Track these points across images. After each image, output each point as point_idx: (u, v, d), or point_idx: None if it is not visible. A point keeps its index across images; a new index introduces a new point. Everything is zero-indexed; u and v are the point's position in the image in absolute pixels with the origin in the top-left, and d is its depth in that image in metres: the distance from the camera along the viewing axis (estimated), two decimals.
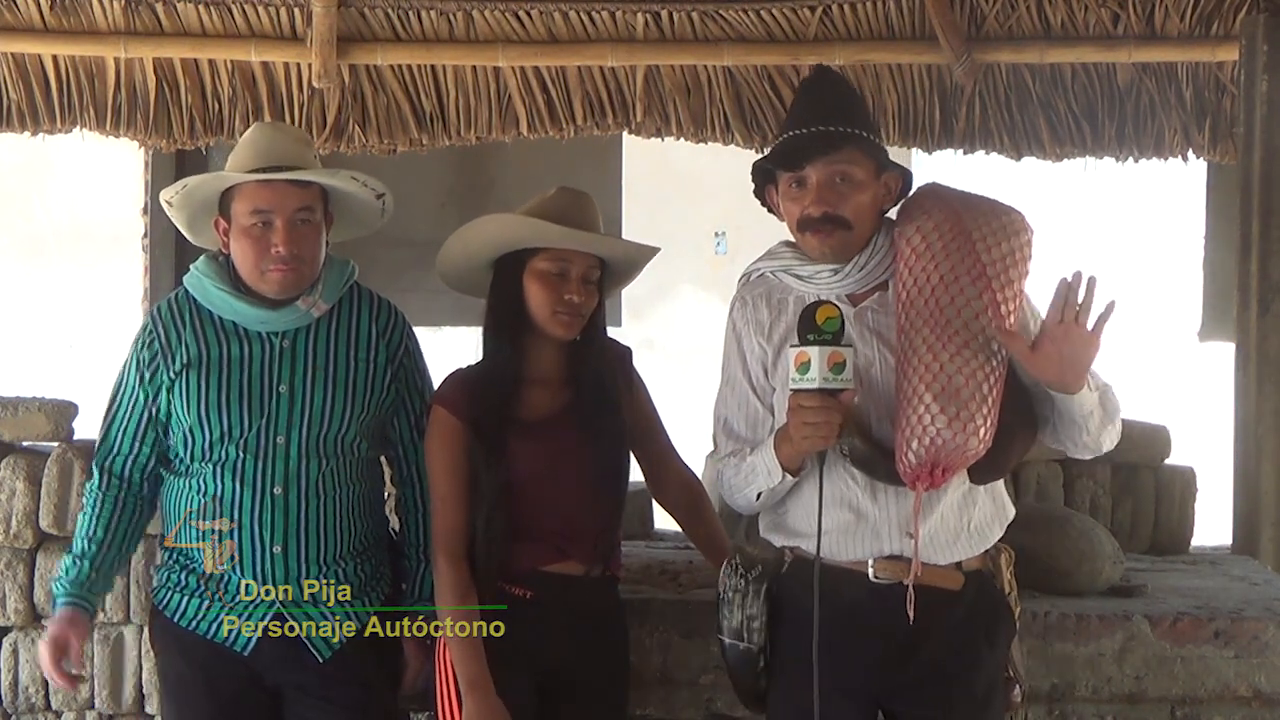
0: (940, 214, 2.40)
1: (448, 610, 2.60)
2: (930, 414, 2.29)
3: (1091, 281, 2.28)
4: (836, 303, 2.37)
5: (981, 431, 2.31)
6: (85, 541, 2.69)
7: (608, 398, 2.67)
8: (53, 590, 2.75)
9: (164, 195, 2.74)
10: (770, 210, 2.57)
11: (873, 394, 2.41)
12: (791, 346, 2.34)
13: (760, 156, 2.56)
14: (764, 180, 2.54)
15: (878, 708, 2.49)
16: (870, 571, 2.41)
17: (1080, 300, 2.28)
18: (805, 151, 2.42)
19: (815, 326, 2.29)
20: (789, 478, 2.42)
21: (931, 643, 2.41)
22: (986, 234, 2.36)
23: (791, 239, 2.54)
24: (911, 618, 2.36)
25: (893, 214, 2.52)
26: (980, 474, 2.42)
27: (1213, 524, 4.14)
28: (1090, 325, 2.29)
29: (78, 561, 2.70)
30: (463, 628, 2.58)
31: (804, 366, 2.29)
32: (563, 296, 2.59)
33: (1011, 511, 2.55)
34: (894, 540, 2.40)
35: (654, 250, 2.76)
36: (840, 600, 2.39)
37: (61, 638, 2.66)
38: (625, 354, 2.79)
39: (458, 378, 2.69)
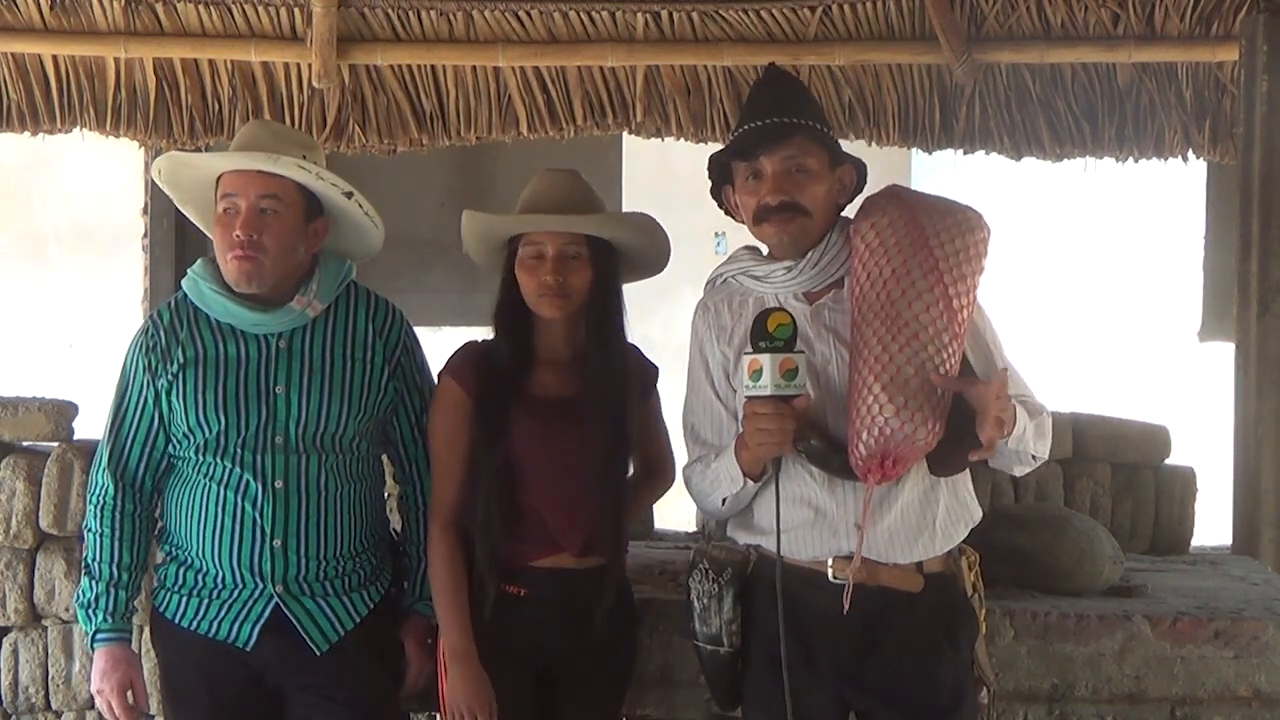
0: (895, 210, 2.42)
1: (436, 578, 2.63)
2: (879, 404, 2.30)
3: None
4: (789, 307, 2.40)
5: (930, 422, 2.32)
6: (113, 568, 2.66)
7: (617, 390, 2.67)
8: (88, 621, 2.68)
9: (163, 184, 2.75)
10: (728, 213, 2.60)
11: (829, 391, 2.43)
12: (745, 354, 2.37)
13: (714, 153, 2.58)
14: (721, 181, 2.57)
15: (848, 708, 2.51)
16: (829, 572, 2.42)
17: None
18: (759, 141, 2.45)
19: (766, 334, 2.33)
20: (750, 483, 2.45)
21: (891, 644, 2.43)
22: (940, 229, 2.38)
23: (753, 243, 2.57)
24: (846, 607, 2.37)
25: (850, 213, 2.53)
26: (939, 466, 2.43)
27: (1213, 524, 4.14)
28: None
29: (112, 590, 2.65)
30: (450, 598, 2.60)
31: (756, 374, 2.33)
32: (542, 279, 2.61)
33: (978, 513, 2.55)
34: (850, 537, 2.42)
35: (636, 216, 2.74)
36: (802, 601, 2.41)
37: (126, 682, 2.66)
38: (650, 371, 2.79)
39: (468, 350, 2.70)
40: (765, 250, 2.57)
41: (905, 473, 2.38)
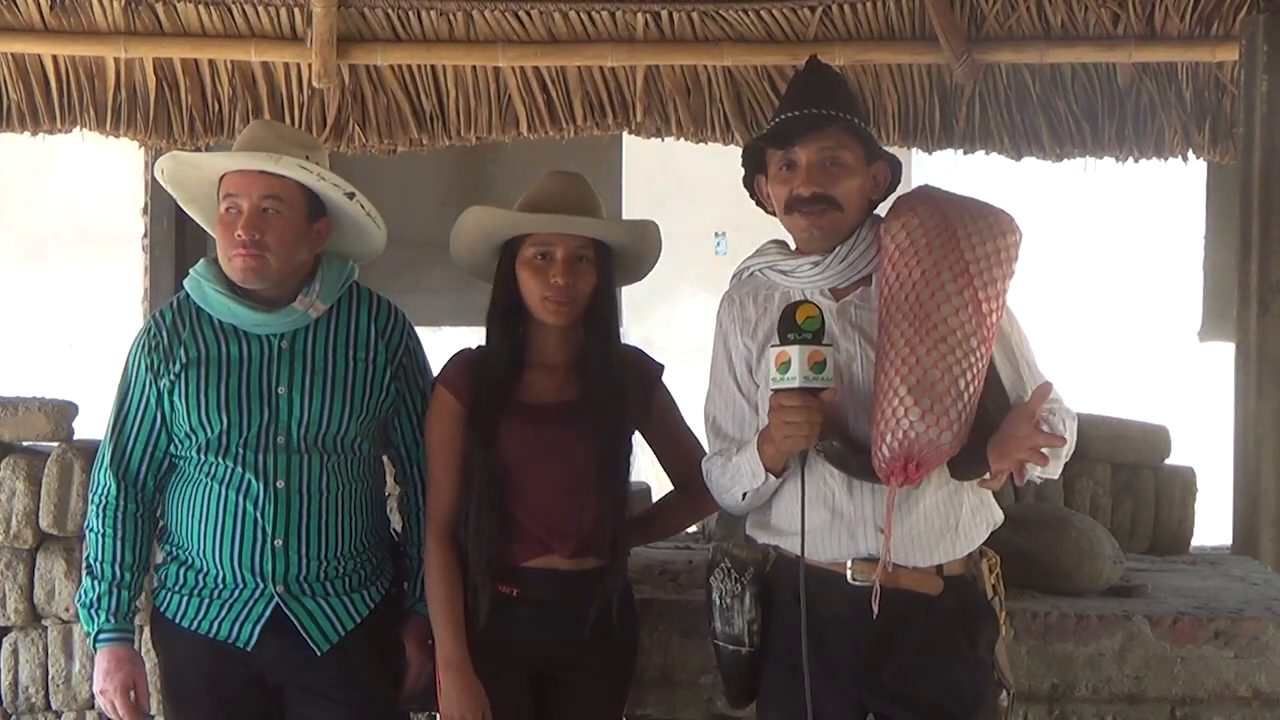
0: (927, 211, 2.40)
1: (431, 587, 2.64)
2: (904, 407, 2.28)
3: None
4: (816, 302, 2.38)
5: (955, 427, 2.30)
6: (115, 568, 2.65)
7: (614, 394, 2.66)
8: (90, 621, 2.67)
9: (164, 181, 2.74)
10: (759, 204, 2.59)
11: (853, 390, 2.40)
12: (772, 346, 2.35)
13: (751, 139, 2.56)
14: (753, 170, 2.56)
15: (865, 710, 2.49)
16: (848, 574, 2.41)
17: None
18: (796, 130, 2.43)
19: (795, 325, 2.30)
20: (772, 478, 2.42)
21: (910, 646, 2.41)
22: (972, 232, 2.35)
23: (780, 237, 2.56)
24: (876, 612, 2.35)
25: (882, 211, 2.52)
26: (961, 470, 2.41)
27: (1213, 524, 4.14)
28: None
29: (114, 590, 2.65)
30: (445, 606, 2.61)
31: (784, 366, 2.30)
32: (550, 280, 2.60)
33: (999, 515, 2.54)
34: (869, 539, 2.40)
35: (645, 224, 2.74)
36: (821, 602, 2.40)
37: (129, 682, 2.66)
38: (652, 369, 2.79)
39: (462, 359, 2.70)
40: (793, 245, 2.55)
41: (927, 476, 2.36)
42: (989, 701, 2.48)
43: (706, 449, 2.61)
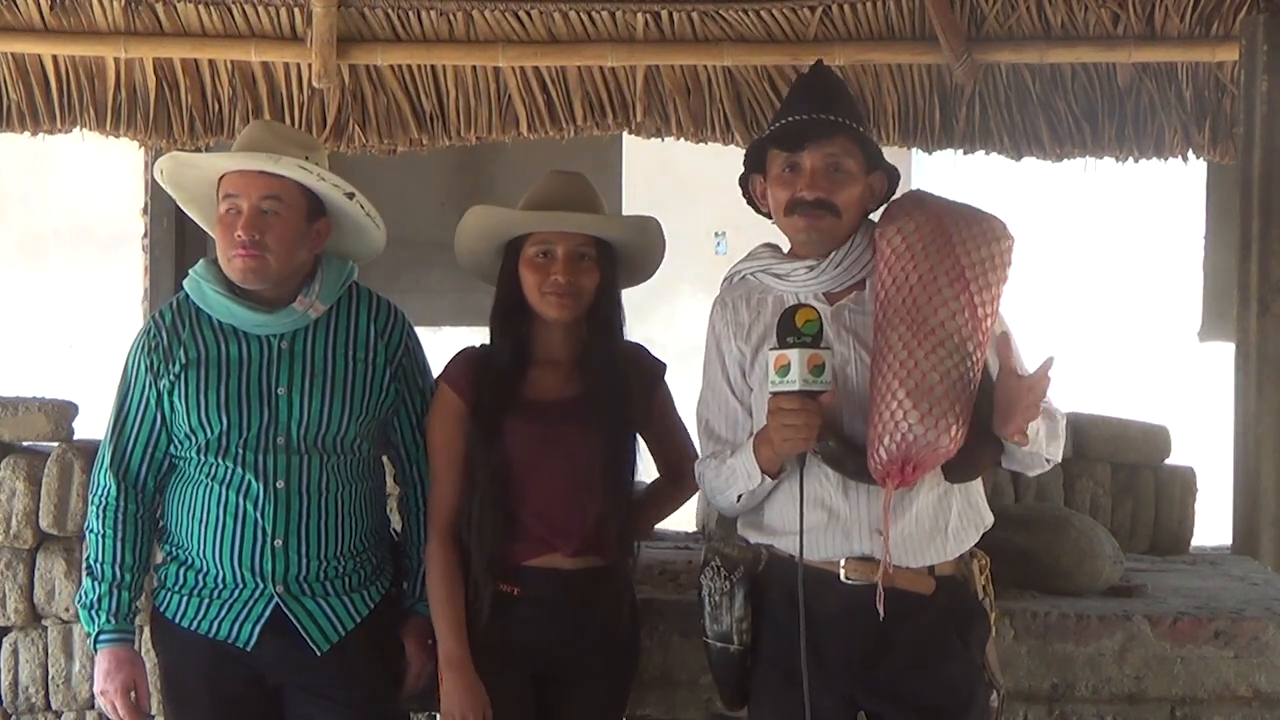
0: (922, 216, 2.42)
1: (433, 586, 2.64)
2: (903, 410, 2.30)
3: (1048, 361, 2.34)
4: (815, 305, 2.39)
5: (953, 430, 2.32)
6: (116, 569, 2.65)
7: (617, 391, 2.66)
8: (91, 622, 2.67)
9: (164, 183, 2.74)
10: (749, 201, 2.60)
11: (847, 393, 2.42)
12: (771, 349, 2.36)
13: (757, 138, 2.57)
14: (752, 169, 2.57)
15: (858, 708, 2.51)
16: (841, 572, 2.42)
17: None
18: (805, 135, 2.44)
19: (794, 329, 2.32)
20: (768, 480, 2.44)
21: (903, 644, 2.42)
22: (967, 237, 2.38)
23: (773, 241, 2.57)
24: (882, 614, 2.36)
25: (875, 216, 2.53)
26: (955, 473, 2.42)
27: (1213, 524, 4.14)
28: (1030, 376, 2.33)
29: (115, 591, 2.65)
30: (446, 605, 2.61)
31: (784, 369, 2.31)
32: (549, 277, 2.61)
33: (989, 519, 2.56)
34: (864, 540, 2.41)
35: (645, 220, 2.74)
36: (815, 600, 2.41)
37: (129, 683, 2.66)
38: (655, 367, 2.80)
39: (465, 356, 2.71)
40: (786, 248, 2.56)
41: (921, 479, 2.37)
42: (980, 701, 2.49)
43: (699, 452, 2.62)
